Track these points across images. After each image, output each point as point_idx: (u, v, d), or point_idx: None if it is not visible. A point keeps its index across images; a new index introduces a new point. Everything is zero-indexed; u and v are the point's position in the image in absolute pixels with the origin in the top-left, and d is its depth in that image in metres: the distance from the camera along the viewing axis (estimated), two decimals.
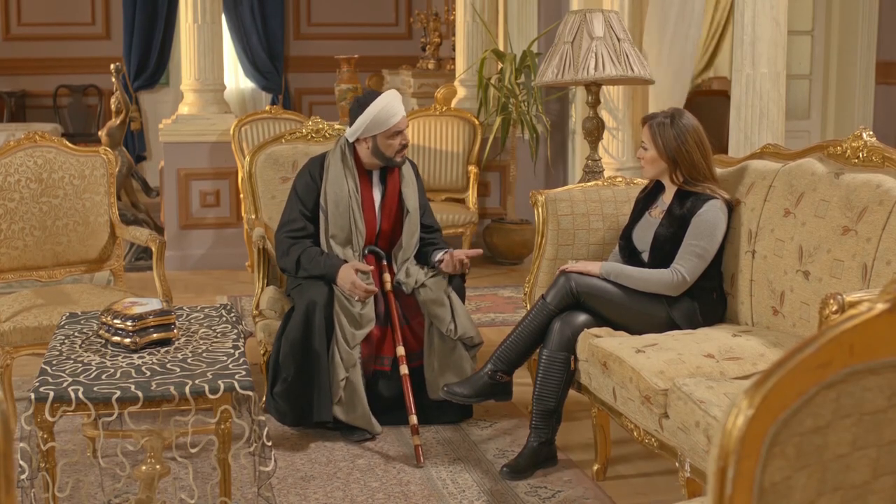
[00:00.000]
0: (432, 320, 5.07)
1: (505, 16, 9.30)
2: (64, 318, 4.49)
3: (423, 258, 5.32)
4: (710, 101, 9.28)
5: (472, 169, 8.62)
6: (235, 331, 4.27)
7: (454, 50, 10.22)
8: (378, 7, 13.93)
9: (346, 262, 5.08)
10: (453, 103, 9.36)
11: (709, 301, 4.53)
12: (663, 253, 4.53)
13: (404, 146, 5.22)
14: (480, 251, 5.34)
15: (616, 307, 4.50)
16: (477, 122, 8.78)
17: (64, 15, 12.91)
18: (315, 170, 5.28)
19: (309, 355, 4.93)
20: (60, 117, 12.88)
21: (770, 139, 5.40)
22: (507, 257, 8.85)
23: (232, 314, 4.52)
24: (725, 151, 5.80)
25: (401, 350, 4.99)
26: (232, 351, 4.01)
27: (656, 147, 4.60)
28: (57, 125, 11.76)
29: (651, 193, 4.74)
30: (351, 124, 5.23)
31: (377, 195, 5.32)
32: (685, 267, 4.44)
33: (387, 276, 5.16)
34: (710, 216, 4.46)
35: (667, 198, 4.65)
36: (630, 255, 4.68)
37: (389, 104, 5.17)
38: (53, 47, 12.92)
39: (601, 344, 4.26)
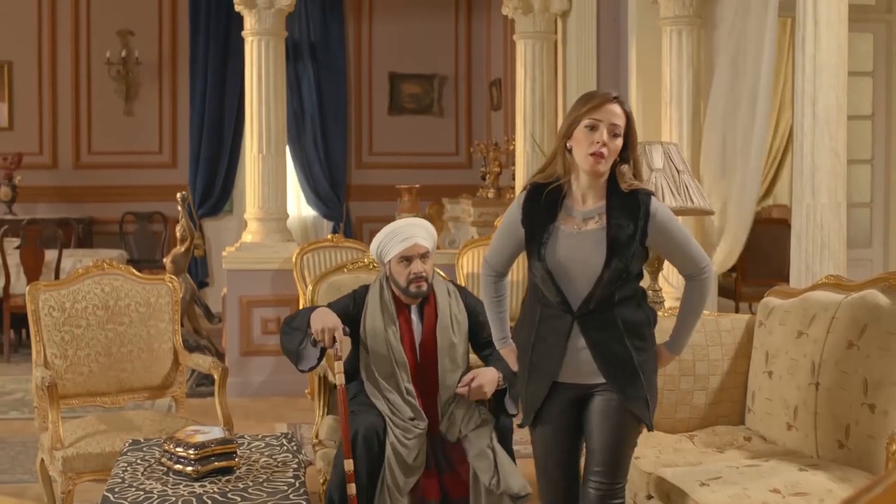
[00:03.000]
0: (475, 471, 4.77)
1: None
2: (127, 444, 4.53)
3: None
4: (770, 229, 9.28)
5: None
6: (296, 460, 4.28)
7: (514, 179, 10.32)
8: (438, 136, 14.14)
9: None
10: None
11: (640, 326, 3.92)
12: (625, 258, 3.74)
13: (418, 277, 4.89)
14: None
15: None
16: None
17: (132, 144, 13.23)
18: (360, 296, 5.09)
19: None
20: (126, 243, 13.10)
21: (831, 269, 5.37)
22: None
23: (292, 443, 4.53)
24: (787, 281, 5.78)
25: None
26: (292, 481, 4.01)
27: (631, 135, 3.81)
28: (123, 251, 11.98)
29: (543, 204, 3.85)
30: None
31: (417, 331, 5.02)
32: (701, 259, 3.86)
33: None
34: (666, 212, 3.84)
35: (587, 201, 3.84)
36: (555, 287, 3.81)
37: (403, 227, 4.97)
38: (121, 175, 13.22)
39: (664, 474, 4.21)
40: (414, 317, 5.03)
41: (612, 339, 3.79)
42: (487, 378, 4.84)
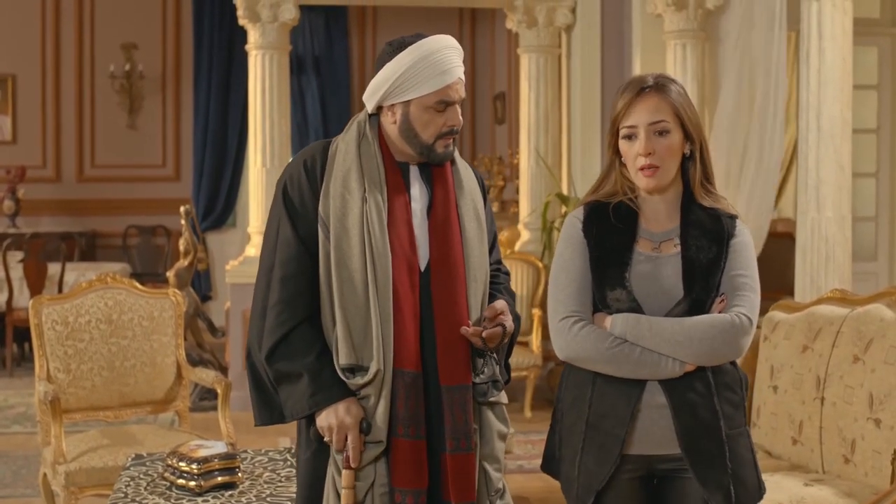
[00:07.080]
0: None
1: (569, 159, 9.40)
2: (130, 459, 4.51)
3: None
4: (775, 242, 9.23)
5: (536, 312, 8.61)
6: None
7: (518, 193, 10.32)
8: None
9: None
10: (517, 246, 9.41)
11: None
12: (709, 288, 2.98)
13: (453, 130, 3.12)
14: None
15: None
16: (541, 265, 8.81)
17: (136, 157, 13.23)
18: (314, 160, 3.16)
19: None
20: (129, 257, 13.10)
21: (837, 283, 5.36)
22: None
23: (296, 458, 4.51)
24: (791, 295, 5.76)
25: None
26: (295, 496, 3.99)
27: (686, 124, 3.00)
28: (126, 265, 11.96)
29: (614, 222, 3.04)
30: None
31: (420, 205, 3.16)
32: (744, 306, 2.96)
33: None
34: (748, 241, 3.07)
35: (660, 219, 3.06)
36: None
37: (439, 52, 3.15)
38: (124, 189, 13.22)
39: None
40: (415, 189, 3.18)
41: (699, 397, 2.97)
42: (510, 321, 3.17)
